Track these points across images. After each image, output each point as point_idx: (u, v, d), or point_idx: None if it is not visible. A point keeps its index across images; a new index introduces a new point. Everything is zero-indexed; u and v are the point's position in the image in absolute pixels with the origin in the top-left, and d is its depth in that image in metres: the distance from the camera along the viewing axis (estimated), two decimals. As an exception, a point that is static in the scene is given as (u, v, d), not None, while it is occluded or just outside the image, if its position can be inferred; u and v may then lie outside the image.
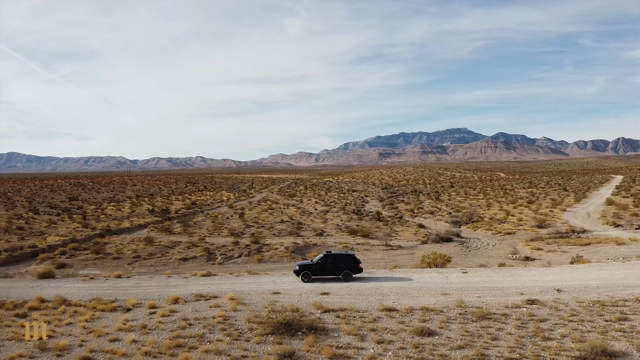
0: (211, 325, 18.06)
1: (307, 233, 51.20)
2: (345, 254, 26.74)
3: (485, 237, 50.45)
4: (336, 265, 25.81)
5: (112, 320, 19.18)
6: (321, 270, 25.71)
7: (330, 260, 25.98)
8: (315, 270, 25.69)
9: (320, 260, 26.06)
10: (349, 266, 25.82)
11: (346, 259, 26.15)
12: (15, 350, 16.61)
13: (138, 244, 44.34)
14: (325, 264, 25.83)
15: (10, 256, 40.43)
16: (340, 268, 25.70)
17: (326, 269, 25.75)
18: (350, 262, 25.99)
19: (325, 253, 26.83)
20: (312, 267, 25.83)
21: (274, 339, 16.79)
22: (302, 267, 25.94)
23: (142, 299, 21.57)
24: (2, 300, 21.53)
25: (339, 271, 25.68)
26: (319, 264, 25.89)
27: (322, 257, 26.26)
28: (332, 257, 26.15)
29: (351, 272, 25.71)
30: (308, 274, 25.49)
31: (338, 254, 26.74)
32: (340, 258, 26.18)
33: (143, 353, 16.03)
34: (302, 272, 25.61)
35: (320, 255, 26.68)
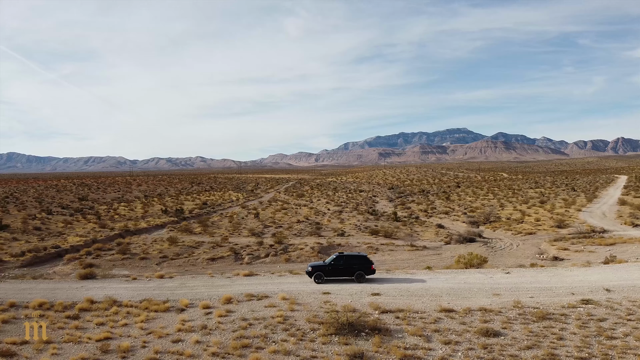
0: (272, 325, 17.97)
1: (327, 233, 51.08)
2: (358, 255, 26.48)
3: (506, 237, 50.35)
4: (349, 266, 25.49)
5: (168, 321, 19.07)
6: (334, 271, 25.40)
7: (343, 262, 25.66)
8: (328, 271, 25.36)
9: (332, 262, 25.74)
10: (362, 267, 25.47)
11: (359, 260, 25.81)
12: (77, 353, 16.52)
13: (162, 244, 44.21)
14: (338, 265, 25.52)
15: (35, 257, 40.27)
16: (353, 269, 25.38)
17: (339, 270, 25.45)
18: (363, 263, 25.65)
19: (337, 254, 26.55)
20: (325, 268, 25.51)
21: (339, 339, 16.71)
22: (314, 268, 25.57)
23: (193, 299, 21.48)
24: (50, 302, 21.41)
25: (352, 272, 25.35)
26: (331, 265, 25.57)
27: (335, 258, 25.94)
28: (345, 258, 25.84)
29: (364, 273, 25.34)
30: (321, 275, 25.14)
31: (351, 255, 26.48)
32: (353, 259, 25.86)
33: (210, 354, 15.95)
34: (314, 273, 25.27)
35: (333, 257, 26.39)
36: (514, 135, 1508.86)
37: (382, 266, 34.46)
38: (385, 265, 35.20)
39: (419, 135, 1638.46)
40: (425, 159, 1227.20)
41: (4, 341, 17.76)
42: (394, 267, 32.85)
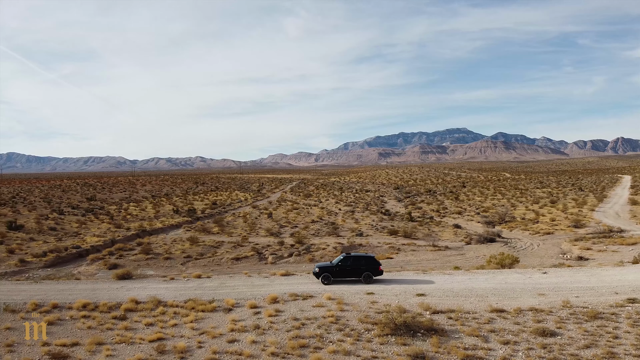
0: (325, 325, 17.92)
1: (345, 233, 51.03)
2: (366, 256, 26.17)
3: (524, 237, 50.30)
4: (356, 267, 25.17)
5: (218, 321, 19.02)
6: (341, 272, 25.10)
7: (350, 262, 25.33)
8: (336, 272, 25.05)
9: (340, 262, 25.42)
10: (369, 268, 25.15)
11: (366, 261, 25.49)
12: (133, 354, 16.47)
13: (183, 244, 44.16)
14: (346, 266, 25.20)
15: (57, 257, 40.20)
16: (361, 270, 25.06)
17: (346, 271, 25.13)
18: (371, 264, 25.32)
19: (345, 255, 26.26)
20: (332, 269, 25.20)
21: (395, 339, 16.67)
22: (322, 269, 25.26)
23: (238, 298, 21.44)
24: (94, 303, 21.33)
25: (360, 273, 25.03)
26: (339, 266, 25.25)
27: (342, 259, 25.60)
28: (352, 259, 25.53)
29: (372, 274, 25.01)
30: (328, 276, 24.81)
31: (358, 255, 26.17)
32: (360, 260, 25.55)
33: (269, 354, 15.91)
34: (322, 274, 24.95)
35: (340, 257, 26.07)
36: (514, 135, 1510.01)
37: (408, 266, 34.44)
38: (412, 265, 35.16)
39: (419, 135, 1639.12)
40: (425, 159, 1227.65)
41: (54, 343, 17.71)
42: (421, 268, 32.78)
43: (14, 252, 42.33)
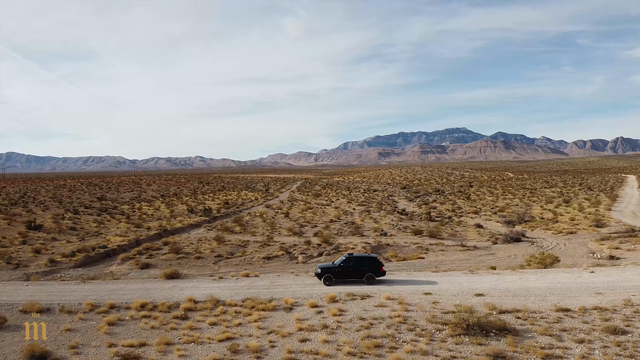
0: (395, 325, 17.90)
1: (368, 233, 50.99)
2: (368, 257, 25.76)
3: (548, 237, 50.34)
4: (359, 268, 24.90)
5: (282, 320, 18.98)
6: (343, 273, 24.81)
7: (352, 263, 25.07)
8: (338, 273, 24.75)
9: (342, 263, 25.15)
10: (372, 269, 24.89)
11: (369, 262, 25.23)
12: (207, 354, 16.45)
13: (210, 243, 44.10)
14: (348, 267, 24.93)
15: (86, 257, 40.12)
16: (363, 271, 24.80)
17: (349, 271, 24.85)
18: (373, 265, 25.04)
19: (347, 255, 26.02)
20: (335, 269, 24.90)
21: (470, 339, 16.64)
22: (324, 270, 24.94)
23: (296, 297, 21.41)
24: (152, 303, 21.26)
25: (362, 274, 24.76)
26: (341, 266, 24.98)
27: (345, 260, 25.35)
28: (355, 260, 25.28)
29: (374, 275, 24.76)
30: (330, 277, 24.53)
31: (361, 256, 25.94)
32: (363, 260, 25.32)
33: (346, 353, 15.88)
34: (324, 275, 24.60)
35: (342, 258, 25.81)
36: (514, 135, 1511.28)
37: (442, 266, 34.42)
38: (445, 265, 35.13)
39: (419, 135, 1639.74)
40: (425, 158, 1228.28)
41: (120, 344, 17.65)
42: (455, 268, 32.76)
43: (40, 252, 42.23)
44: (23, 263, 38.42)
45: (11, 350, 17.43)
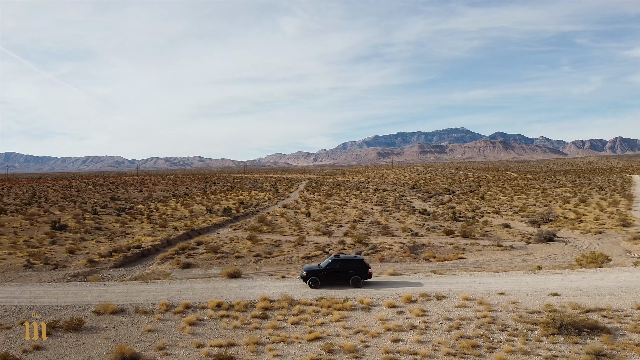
0: (484, 325, 17.84)
1: (398, 233, 50.89)
2: (355, 259, 25.23)
3: (576, 236, 50.29)
4: (345, 270, 24.39)
5: (364, 320, 18.91)
6: (330, 275, 24.28)
7: (339, 265, 24.54)
8: (324, 275, 24.24)
9: (328, 266, 24.62)
10: (358, 272, 24.37)
11: (356, 264, 24.66)
12: (302, 354, 16.34)
13: (245, 243, 44.00)
14: (334, 270, 24.40)
15: (124, 257, 39.96)
16: (350, 274, 24.30)
17: (335, 274, 24.32)
18: (360, 267, 24.52)
19: (333, 257, 25.35)
20: (320, 272, 24.37)
21: (564, 338, 16.59)
22: (309, 272, 24.43)
23: (370, 297, 21.30)
24: (228, 302, 21.17)
25: (349, 277, 24.26)
26: (327, 269, 24.46)
27: (331, 262, 24.80)
28: (341, 262, 24.75)
29: (360, 278, 24.30)
30: (316, 280, 24.05)
31: (347, 258, 25.29)
32: (349, 263, 24.74)
33: (445, 354, 15.84)
34: (309, 277, 24.14)
35: (328, 260, 25.20)
36: (512, 135, 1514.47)
37: (489, 266, 34.36)
38: (489, 265, 35.08)
39: (418, 135, 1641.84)
40: (424, 158, 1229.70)
41: (209, 344, 17.54)
42: (499, 269, 32.69)
43: (73, 253, 42.07)
44: (61, 264, 38.26)
45: (96, 353, 17.32)
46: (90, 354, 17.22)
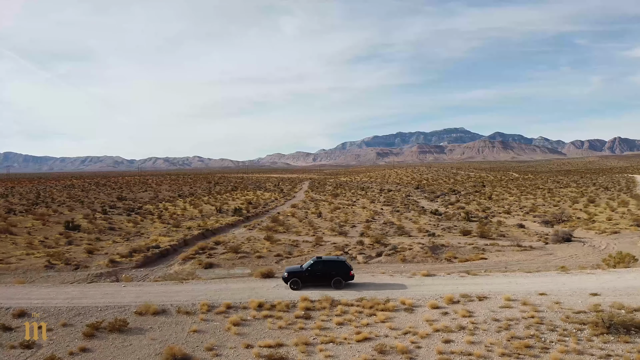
0: (534, 325, 17.85)
1: (414, 233, 50.91)
2: (337, 260, 25.03)
3: (592, 237, 50.36)
4: (327, 272, 24.19)
5: (410, 321, 18.91)
6: (311, 277, 24.11)
7: (320, 267, 24.36)
8: (305, 277, 24.08)
9: (310, 267, 24.46)
10: (340, 273, 24.18)
11: (337, 266, 24.49)
12: (354, 355, 16.35)
13: (263, 243, 44.00)
14: (316, 271, 24.22)
15: (145, 257, 39.90)
16: (331, 275, 24.10)
17: (316, 276, 24.14)
18: (342, 269, 24.35)
19: (315, 259, 25.20)
20: (302, 274, 24.21)
21: (614, 338, 16.63)
22: (290, 274, 24.29)
23: (413, 298, 21.26)
24: (269, 302, 21.16)
25: (330, 278, 24.06)
26: (308, 270, 24.29)
27: (313, 264, 24.64)
28: (323, 263, 24.56)
29: (342, 280, 24.12)
30: (297, 282, 23.88)
31: (330, 259, 25.14)
32: (331, 264, 24.56)
33: (499, 354, 15.87)
34: (291, 279, 23.99)
35: (310, 262, 25.02)
36: (511, 135, 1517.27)
37: (513, 267, 34.39)
38: (513, 265, 35.14)
39: (417, 135, 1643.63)
40: (423, 158, 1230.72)
41: (257, 345, 17.52)
42: (524, 269, 32.70)
43: (92, 253, 41.99)
44: (82, 264, 38.18)
45: (145, 354, 17.28)
46: (139, 355, 17.18)
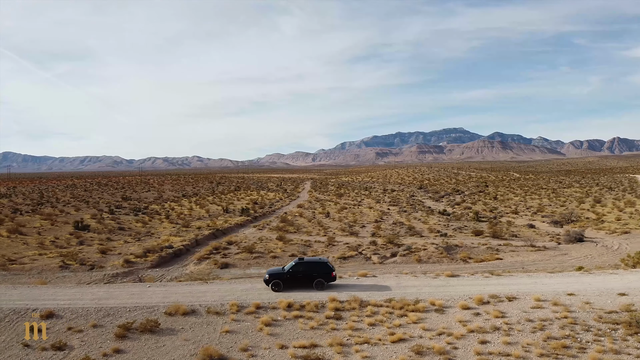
0: (567, 326, 17.87)
1: (426, 234, 50.92)
2: (319, 261, 24.75)
3: (603, 237, 50.41)
4: (308, 273, 23.99)
5: (442, 322, 18.92)
6: (293, 278, 23.91)
7: (302, 268, 24.16)
8: (287, 279, 23.87)
9: (292, 268, 24.25)
10: (321, 274, 23.96)
11: (320, 267, 24.27)
12: (391, 356, 16.35)
13: (275, 243, 43.98)
14: (297, 272, 24.03)
15: (160, 257, 39.88)
16: (313, 277, 23.91)
17: (298, 277, 23.94)
18: (324, 270, 24.10)
19: (297, 260, 24.95)
20: (284, 275, 23.99)
21: (650, 338, 16.61)
22: (272, 275, 24.09)
23: (442, 298, 21.27)
24: (298, 303, 21.14)
25: (312, 280, 23.89)
26: (290, 272, 24.08)
27: (294, 265, 24.43)
28: (305, 265, 24.35)
29: (324, 281, 23.93)
30: (279, 283, 23.67)
31: (312, 261, 24.85)
32: (313, 266, 24.33)
33: (538, 355, 15.87)
34: (272, 281, 23.78)
35: (292, 263, 24.78)
36: (511, 135, 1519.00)
37: (530, 267, 34.42)
38: (529, 266, 35.18)
39: (416, 135, 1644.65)
40: (423, 158, 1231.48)
41: (292, 345, 17.52)
42: (543, 269, 32.72)
43: (105, 253, 41.95)
44: (97, 264, 38.17)
45: (180, 355, 17.26)
46: (173, 356, 17.16)
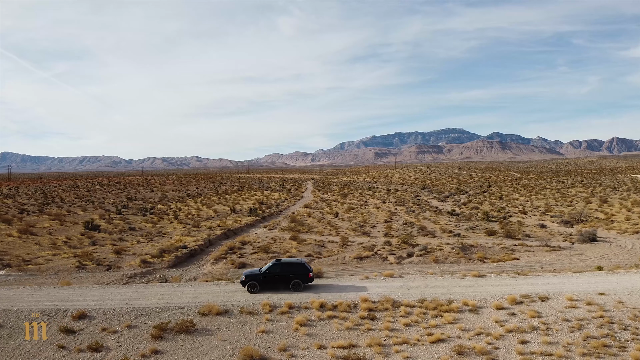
0: (605, 325, 17.91)
1: (438, 234, 50.93)
2: (296, 262, 24.66)
3: (615, 236, 50.50)
4: (285, 274, 23.93)
5: (477, 322, 18.95)
6: (270, 280, 23.80)
7: (279, 269, 24.09)
8: (263, 280, 23.77)
9: (268, 270, 24.15)
10: (298, 275, 23.91)
11: (297, 268, 24.17)
12: (432, 356, 16.35)
13: (290, 243, 43.95)
14: (274, 274, 23.94)
15: (176, 257, 39.84)
16: (290, 278, 23.85)
17: (275, 278, 23.84)
18: (301, 271, 24.04)
19: (274, 261, 24.89)
20: (260, 277, 23.89)
21: (690, 338, 16.65)
22: (248, 277, 23.96)
23: (475, 299, 21.29)
24: (330, 303, 21.13)
25: (289, 281, 23.84)
26: (266, 273, 23.97)
27: (271, 266, 24.35)
28: (282, 266, 24.27)
29: (301, 282, 23.85)
30: (255, 285, 23.55)
31: (289, 262, 24.75)
32: (290, 266, 24.24)
33: (580, 354, 15.88)
34: (248, 282, 23.64)
35: (269, 264, 24.74)
36: (509, 135, 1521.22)
37: (548, 267, 34.45)
38: (547, 266, 35.20)
39: (415, 135, 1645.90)
40: (422, 158, 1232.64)
41: (330, 345, 17.52)
42: (559, 270, 32.77)
43: (120, 253, 41.91)
44: (114, 264, 38.13)
45: (219, 355, 17.25)
46: (212, 357, 17.15)
